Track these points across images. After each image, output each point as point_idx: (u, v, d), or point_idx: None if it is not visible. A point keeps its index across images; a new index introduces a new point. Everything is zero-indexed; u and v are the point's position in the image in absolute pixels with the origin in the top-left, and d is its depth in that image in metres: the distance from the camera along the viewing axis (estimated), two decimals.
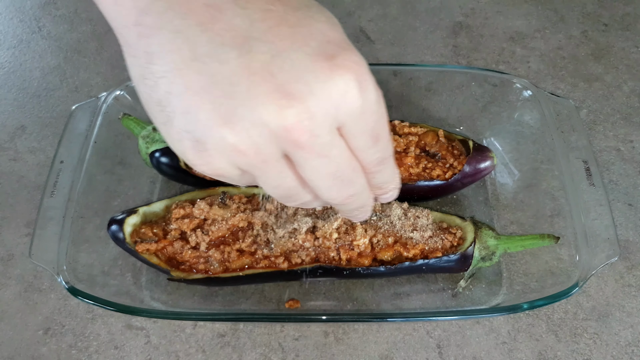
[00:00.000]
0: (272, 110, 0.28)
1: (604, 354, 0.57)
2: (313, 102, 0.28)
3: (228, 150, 0.29)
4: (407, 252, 0.55)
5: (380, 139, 0.33)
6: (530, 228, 0.64)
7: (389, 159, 0.35)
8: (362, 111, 0.30)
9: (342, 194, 0.34)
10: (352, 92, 0.29)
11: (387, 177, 0.36)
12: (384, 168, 0.35)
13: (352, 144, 0.32)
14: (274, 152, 0.30)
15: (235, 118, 0.28)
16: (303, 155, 0.30)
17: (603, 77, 0.82)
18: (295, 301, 0.59)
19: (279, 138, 0.29)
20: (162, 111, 0.30)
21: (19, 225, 0.67)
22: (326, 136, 0.30)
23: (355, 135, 0.31)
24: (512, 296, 0.57)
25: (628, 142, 0.74)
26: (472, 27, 0.90)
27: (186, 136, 0.30)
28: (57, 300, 0.61)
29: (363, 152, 0.33)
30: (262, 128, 0.28)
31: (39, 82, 0.83)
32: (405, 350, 0.57)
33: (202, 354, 0.57)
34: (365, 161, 0.33)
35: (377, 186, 0.37)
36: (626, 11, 0.91)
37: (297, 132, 0.29)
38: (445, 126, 0.69)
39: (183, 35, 0.29)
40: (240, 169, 0.31)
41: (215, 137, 0.29)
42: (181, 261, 0.57)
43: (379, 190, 0.37)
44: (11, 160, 0.74)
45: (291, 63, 0.28)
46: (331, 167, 0.31)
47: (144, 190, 0.69)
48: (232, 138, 0.29)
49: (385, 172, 0.35)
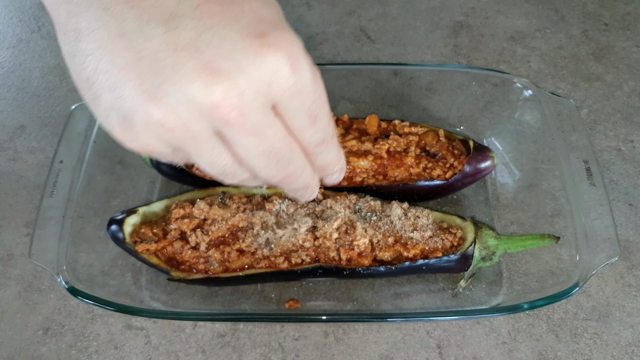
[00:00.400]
0: (198, 86, 0.28)
1: (604, 354, 0.57)
2: (241, 80, 0.28)
3: (154, 126, 0.29)
4: (407, 252, 0.55)
5: (319, 120, 0.32)
6: (530, 228, 0.64)
7: (330, 140, 0.35)
8: (296, 90, 0.30)
9: (280, 173, 0.33)
10: (284, 71, 0.29)
11: (330, 159, 0.36)
12: (326, 149, 0.35)
13: (289, 123, 0.31)
14: (204, 129, 0.29)
15: (161, 94, 0.28)
16: (234, 133, 0.30)
17: (604, 77, 0.82)
18: (295, 301, 0.59)
19: (207, 115, 0.28)
20: (90, 88, 0.30)
21: (18, 225, 0.67)
22: (257, 114, 0.29)
23: (291, 115, 0.31)
24: (512, 296, 0.57)
25: (629, 141, 0.74)
26: (473, 27, 0.90)
27: (113, 113, 0.30)
28: (57, 300, 0.61)
29: (301, 133, 0.32)
30: (189, 104, 0.28)
31: (38, 81, 0.83)
32: (406, 350, 0.57)
33: (202, 354, 0.57)
34: (305, 142, 0.33)
35: (320, 167, 0.36)
36: (627, 11, 0.91)
37: (225, 109, 0.28)
38: (446, 126, 0.69)
39: (110, 12, 0.29)
40: (170, 146, 0.31)
41: (141, 113, 0.29)
42: (181, 261, 0.56)
43: (323, 172, 0.37)
44: (10, 160, 0.74)
45: (219, 40, 0.28)
46: (264, 146, 0.31)
47: (143, 190, 0.69)
48: (158, 114, 0.28)
49: (327, 153, 0.35)
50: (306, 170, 0.34)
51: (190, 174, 0.62)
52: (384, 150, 0.62)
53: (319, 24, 0.91)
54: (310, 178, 0.35)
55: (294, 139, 0.32)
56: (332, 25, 0.90)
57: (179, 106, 0.28)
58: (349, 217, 0.57)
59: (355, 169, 0.62)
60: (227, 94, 0.28)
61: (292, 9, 0.93)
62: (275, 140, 0.31)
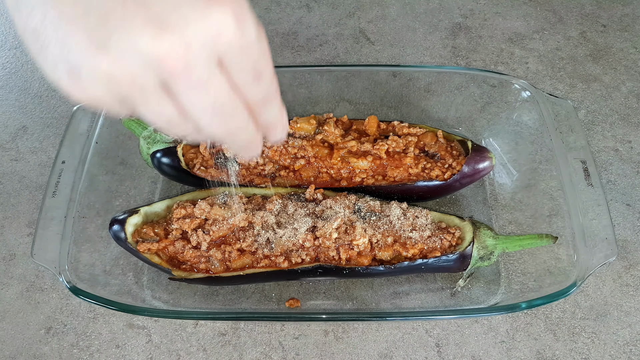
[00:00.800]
0: (146, 39, 0.28)
1: (602, 353, 0.57)
2: (188, 33, 0.29)
3: (102, 77, 0.30)
4: (406, 251, 0.56)
5: (263, 76, 0.33)
6: (528, 228, 0.64)
7: (273, 97, 0.36)
8: (241, 46, 0.31)
9: (223, 127, 0.34)
10: (229, 27, 0.30)
11: (273, 116, 0.37)
12: (269, 106, 0.36)
13: (234, 79, 0.32)
14: (150, 81, 0.30)
15: (109, 45, 0.29)
16: (179, 85, 0.30)
17: (601, 78, 0.82)
18: (296, 300, 0.60)
19: (154, 67, 0.29)
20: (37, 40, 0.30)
21: (20, 225, 0.68)
22: (203, 68, 0.30)
23: (235, 70, 0.32)
24: (510, 295, 0.58)
25: (626, 142, 0.74)
26: (471, 28, 0.90)
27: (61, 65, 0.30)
28: (59, 299, 0.62)
29: (245, 89, 0.33)
30: (137, 56, 0.29)
31: (40, 82, 0.84)
32: (405, 349, 0.58)
33: (203, 352, 0.58)
34: (249, 98, 0.34)
35: (264, 125, 0.37)
36: (625, 12, 0.92)
37: (172, 61, 0.29)
38: (444, 127, 0.69)
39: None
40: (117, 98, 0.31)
41: (89, 64, 0.29)
42: (182, 261, 0.57)
43: (267, 130, 0.38)
44: (13, 160, 0.74)
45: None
46: (209, 99, 0.32)
47: (145, 190, 0.69)
48: (106, 65, 0.29)
49: (270, 110, 0.36)
50: (249, 126, 0.35)
51: (191, 175, 0.63)
52: (383, 150, 0.62)
53: (318, 25, 0.91)
54: (254, 134, 0.36)
55: (238, 95, 0.33)
56: (332, 27, 0.91)
57: (126, 57, 0.29)
58: (348, 217, 0.58)
59: (355, 169, 0.62)
60: (174, 46, 0.29)
61: (292, 11, 0.94)
62: (220, 95, 0.32)
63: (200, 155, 0.64)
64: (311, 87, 0.74)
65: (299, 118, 0.64)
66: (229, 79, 0.32)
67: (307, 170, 0.63)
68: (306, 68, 0.75)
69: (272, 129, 0.38)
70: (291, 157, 0.63)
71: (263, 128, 0.37)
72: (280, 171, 0.63)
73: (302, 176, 0.63)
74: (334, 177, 0.63)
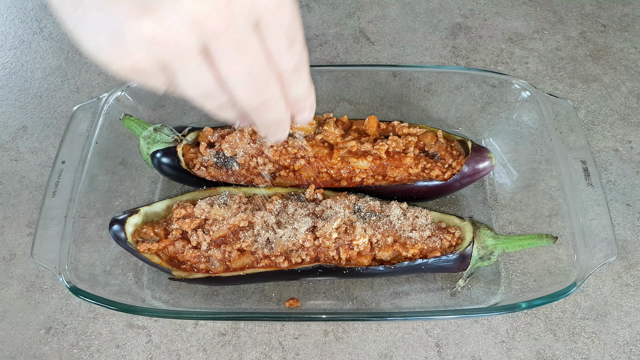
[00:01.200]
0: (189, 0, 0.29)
1: (602, 353, 0.57)
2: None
3: (147, 41, 0.30)
4: (406, 251, 0.56)
5: (295, 43, 0.34)
6: (528, 228, 0.64)
7: (304, 68, 0.36)
8: (277, 7, 0.32)
9: (258, 97, 0.35)
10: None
11: (303, 90, 0.38)
12: (300, 78, 0.36)
13: (268, 44, 0.33)
14: (193, 43, 0.30)
15: (153, 7, 0.29)
16: (220, 46, 0.31)
17: (601, 78, 0.82)
18: (296, 300, 0.60)
19: (196, 27, 0.30)
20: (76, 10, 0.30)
21: (20, 225, 0.68)
22: (243, 29, 0.31)
23: (271, 32, 0.33)
24: (510, 295, 0.58)
25: (626, 142, 0.74)
26: (471, 28, 0.90)
27: (102, 32, 0.30)
28: (59, 299, 0.62)
29: (278, 55, 0.34)
30: (180, 17, 0.29)
31: (40, 82, 0.84)
32: (405, 349, 0.58)
33: (203, 352, 0.58)
34: (282, 67, 0.35)
35: (293, 100, 0.38)
36: (625, 12, 0.92)
37: (214, 22, 0.30)
38: (444, 127, 0.69)
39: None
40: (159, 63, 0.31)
41: (133, 28, 0.29)
42: (182, 261, 0.57)
43: (296, 106, 0.39)
44: (13, 160, 0.74)
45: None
46: (246, 63, 0.32)
47: (145, 190, 0.69)
48: (150, 28, 0.29)
49: (300, 83, 0.37)
50: (281, 101, 0.36)
51: (191, 175, 0.63)
52: (383, 150, 0.62)
53: (318, 25, 0.91)
54: (284, 111, 0.37)
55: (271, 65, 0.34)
56: (332, 27, 0.91)
57: (171, 19, 0.29)
58: (348, 217, 0.58)
59: (355, 169, 0.62)
60: (217, 6, 0.29)
61: None
62: (256, 60, 0.33)
63: (200, 155, 0.64)
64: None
65: None
66: (264, 45, 0.33)
67: (307, 170, 0.63)
68: None
69: (301, 105, 0.39)
70: (291, 157, 0.63)
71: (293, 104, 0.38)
72: (280, 171, 0.63)
73: (302, 176, 0.63)
74: (334, 177, 0.63)
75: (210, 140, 0.65)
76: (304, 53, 0.36)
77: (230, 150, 0.62)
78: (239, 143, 0.62)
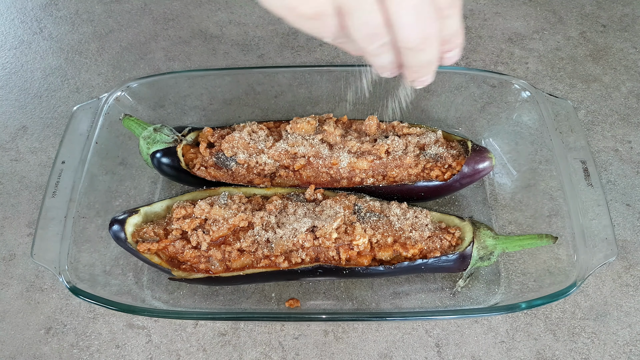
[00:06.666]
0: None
1: (602, 353, 0.57)
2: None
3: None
4: (406, 251, 0.56)
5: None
6: (528, 228, 0.64)
7: (458, 3, 0.38)
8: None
9: (421, 33, 0.36)
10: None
11: (457, 26, 0.39)
12: (454, 13, 0.38)
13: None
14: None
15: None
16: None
17: (601, 78, 0.82)
18: (295, 300, 0.60)
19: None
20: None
21: (20, 225, 0.68)
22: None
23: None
24: (510, 295, 0.58)
25: (626, 142, 0.74)
26: (471, 28, 0.90)
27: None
28: (59, 299, 0.62)
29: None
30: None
31: (40, 82, 0.84)
32: (404, 349, 0.58)
33: (203, 352, 0.58)
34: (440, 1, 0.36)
35: (446, 37, 0.39)
36: (624, 12, 0.92)
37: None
38: (444, 127, 0.69)
39: None
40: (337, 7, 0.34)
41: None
42: (182, 261, 0.57)
43: (447, 44, 0.40)
44: (13, 160, 0.74)
45: None
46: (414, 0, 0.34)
47: (145, 190, 0.69)
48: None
49: (455, 18, 0.38)
50: (437, 39, 0.38)
51: (191, 175, 0.63)
52: (383, 150, 0.62)
53: None
54: (436, 51, 0.39)
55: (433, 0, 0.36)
56: None
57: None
58: (348, 217, 0.58)
59: (355, 169, 0.62)
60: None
61: None
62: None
63: (200, 155, 0.64)
64: (311, 87, 0.74)
65: (299, 118, 0.64)
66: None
67: (307, 170, 0.63)
68: (306, 68, 0.75)
69: (452, 43, 0.40)
70: (291, 157, 0.63)
71: (444, 42, 0.39)
72: (280, 171, 0.63)
73: (302, 176, 0.63)
74: (334, 177, 0.63)
75: (210, 140, 0.65)
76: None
77: (230, 151, 0.62)
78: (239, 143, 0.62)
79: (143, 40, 0.90)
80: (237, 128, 0.65)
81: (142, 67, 0.85)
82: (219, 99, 0.75)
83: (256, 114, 0.75)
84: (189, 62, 0.86)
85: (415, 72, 0.41)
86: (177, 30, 0.91)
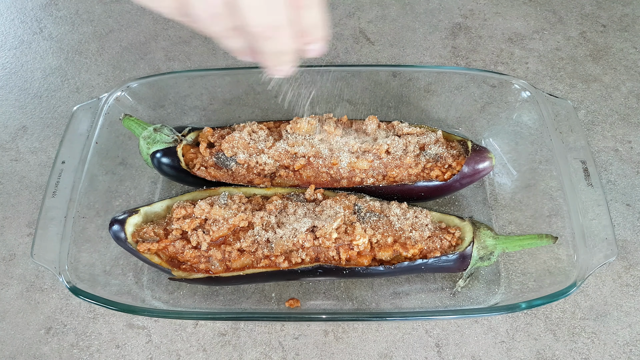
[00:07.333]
0: None
1: (602, 353, 0.57)
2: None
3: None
4: (406, 251, 0.56)
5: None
6: (528, 228, 0.64)
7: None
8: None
9: (267, 19, 0.35)
10: None
11: (316, 18, 0.37)
12: (313, 3, 0.36)
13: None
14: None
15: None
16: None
17: (601, 78, 0.82)
18: (295, 300, 0.60)
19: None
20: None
21: (20, 226, 0.68)
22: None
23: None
24: (510, 295, 0.58)
25: (626, 142, 0.74)
26: (471, 29, 0.90)
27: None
28: (59, 299, 0.62)
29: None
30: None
31: (40, 82, 0.84)
32: (405, 349, 0.58)
33: (203, 352, 0.58)
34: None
35: (305, 28, 0.37)
36: (624, 12, 0.92)
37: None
38: (444, 127, 0.69)
39: None
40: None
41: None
42: (182, 261, 0.57)
43: (306, 36, 0.38)
44: (13, 160, 0.74)
45: None
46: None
47: (145, 190, 0.69)
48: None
49: (314, 9, 0.36)
50: (288, 30, 0.36)
51: (191, 175, 0.63)
52: (383, 150, 0.62)
53: None
54: (288, 40, 0.37)
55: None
56: (332, 27, 0.91)
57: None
58: (348, 217, 0.58)
59: (355, 169, 0.62)
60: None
61: None
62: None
63: (200, 155, 0.64)
64: (311, 87, 0.74)
65: (299, 118, 0.64)
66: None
67: (307, 170, 0.63)
68: (306, 68, 0.75)
69: (312, 36, 0.38)
70: (291, 157, 0.63)
71: (303, 35, 0.37)
72: (280, 171, 0.63)
73: (302, 176, 0.63)
74: (334, 177, 0.63)
75: (210, 140, 0.65)
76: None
77: (230, 151, 0.62)
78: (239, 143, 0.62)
79: (143, 40, 0.90)
80: (237, 128, 0.65)
81: (142, 67, 0.85)
82: (219, 99, 0.75)
83: (256, 114, 0.75)
84: (189, 62, 0.86)
85: (269, 60, 0.39)
86: (177, 30, 0.91)
